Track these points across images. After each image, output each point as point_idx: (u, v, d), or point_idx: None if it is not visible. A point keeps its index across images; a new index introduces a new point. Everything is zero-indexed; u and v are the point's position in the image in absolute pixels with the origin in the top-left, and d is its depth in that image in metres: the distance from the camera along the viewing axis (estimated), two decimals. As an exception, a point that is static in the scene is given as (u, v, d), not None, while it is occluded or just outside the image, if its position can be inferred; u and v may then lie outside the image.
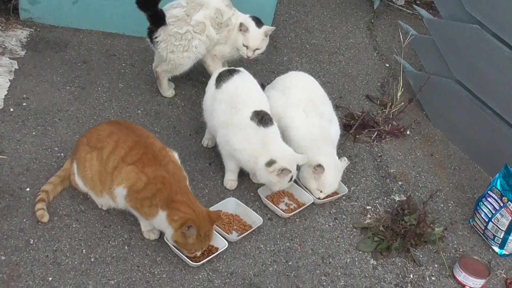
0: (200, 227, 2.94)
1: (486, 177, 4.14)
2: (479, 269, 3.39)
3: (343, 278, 3.25)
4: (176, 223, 2.92)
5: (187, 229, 2.89)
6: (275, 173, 3.33)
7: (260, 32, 3.97)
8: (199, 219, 2.94)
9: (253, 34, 3.96)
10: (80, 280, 2.91)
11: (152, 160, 3.02)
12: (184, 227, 2.89)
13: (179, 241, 2.96)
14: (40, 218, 3.10)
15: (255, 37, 3.96)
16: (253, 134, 3.37)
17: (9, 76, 3.95)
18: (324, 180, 3.53)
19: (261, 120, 3.37)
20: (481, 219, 3.63)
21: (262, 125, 3.37)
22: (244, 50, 3.99)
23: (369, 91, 4.75)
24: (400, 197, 3.82)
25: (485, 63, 3.99)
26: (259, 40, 3.98)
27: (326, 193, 3.59)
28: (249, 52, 3.99)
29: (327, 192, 3.59)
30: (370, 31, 5.55)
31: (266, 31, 3.99)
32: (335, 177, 3.58)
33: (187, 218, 2.90)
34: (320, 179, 3.53)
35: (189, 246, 2.99)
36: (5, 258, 2.92)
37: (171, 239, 3.00)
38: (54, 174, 3.32)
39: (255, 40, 3.97)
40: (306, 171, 3.56)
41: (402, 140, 4.34)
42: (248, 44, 3.96)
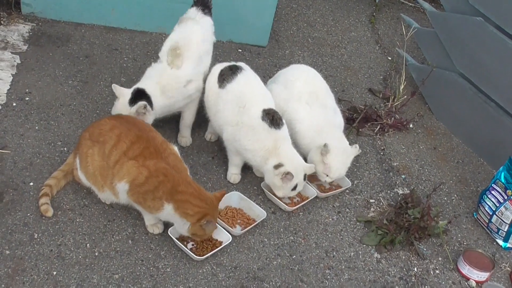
0: (214, 215, 3.01)
1: (489, 170, 4.14)
2: (483, 262, 3.38)
3: (347, 272, 3.25)
4: (193, 218, 2.94)
5: (205, 223, 2.93)
6: (279, 176, 3.33)
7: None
8: (212, 208, 3.00)
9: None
10: (84, 274, 2.91)
11: (154, 153, 3.02)
12: (203, 221, 2.92)
13: (198, 233, 3.00)
14: (44, 212, 3.10)
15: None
16: (265, 136, 3.37)
17: (11, 71, 3.94)
18: (330, 163, 3.51)
19: (272, 120, 3.36)
20: (485, 212, 3.63)
21: (274, 126, 3.36)
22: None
23: (371, 84, 4.74)
24: (404, 190, 3.82)
25: (488, 56, 3.98)
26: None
27: (333, 178, 3.57)
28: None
29: (333, 176, 3.56)
30: (372, 24, 5.54)
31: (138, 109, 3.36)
32: (343, 161, 3.56)
33: (204, 213, 2.94)
34: (326, 162, 3.52)
35: (205, 236, 3.06)
36: (10, 253, 2.92)
37: (187, 231, 3.01)
38: (58, 168, 3.31)
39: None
40: (315, 153, 3.55)
41: (405, 133, 4.34)
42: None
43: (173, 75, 3.51)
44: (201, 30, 3.69)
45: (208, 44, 3.78)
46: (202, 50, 3.67)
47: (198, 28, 3.67)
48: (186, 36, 3.61)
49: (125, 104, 3.37)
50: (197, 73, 3.63)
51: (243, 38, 4.79)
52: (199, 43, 3.64)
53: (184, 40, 3.57)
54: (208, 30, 3.79)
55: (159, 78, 3.49)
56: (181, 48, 3.52)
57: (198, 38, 3.64)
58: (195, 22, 3.70)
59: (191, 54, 3.57)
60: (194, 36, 3.62)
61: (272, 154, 3.36)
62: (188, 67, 3.55)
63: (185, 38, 3.59)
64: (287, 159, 3.35)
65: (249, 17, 4.68)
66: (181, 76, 3.53)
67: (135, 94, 3.39)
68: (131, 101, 3.36)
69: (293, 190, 3.42)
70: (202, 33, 3.69)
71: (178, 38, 3.59)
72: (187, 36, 3.61)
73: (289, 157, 3.38)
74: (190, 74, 3.57)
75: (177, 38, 3.58)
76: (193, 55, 3.58)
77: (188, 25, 3.67)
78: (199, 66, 3.65)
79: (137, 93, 3.39)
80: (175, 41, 3.56)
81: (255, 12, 4.66)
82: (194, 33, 3.64)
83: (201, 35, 3.68)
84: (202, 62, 3.68)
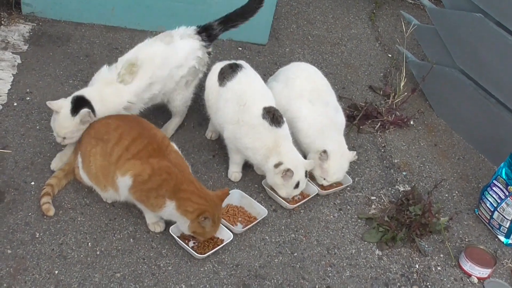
0: (214, 213, 2.99)
1: (490, 166, 4.14)
2: (485, 258, 3.38)
3: (348, 269, 3.25)
4: (192, 215, 2.95)
5: (203, 220, 2.93)
6: (280, 174, 3.33)
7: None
8: (212, 207, 2.99)
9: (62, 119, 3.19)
10: (86, 273, 2.92)
11: (156, 151, 3.02)
12: (200, 217, 2.92)
13: (197, 231, 3.00)
14: (46, 212, 3.11)
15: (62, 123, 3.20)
16: (266, 134, 3.37)
17: (12, 71, 3.95)
18: (328, 167, 3.53)
19: (273, 118, 3.36)
20: (486, 209, 3.63)
21: (274, 124, 3.36)
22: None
23: (372, 81, 4.74)
24: (405, 187, 3.82)
25: (488, 52, 3.98)
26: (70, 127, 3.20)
27: (330, 181, 3.59)
28: (58, 138, 3.25)
29: (330, 180, 3.58)
30: (372, 21, 5.54)
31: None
32: (340, 165, 3.57)
33: (202, 210, 2.94)
34: (324, 166, 3.53)
35: (206, 234, 3.05)
36: (12, 252, 2.93)
37: (188, 230, 3.01)
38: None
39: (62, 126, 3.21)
40: (313, 157, 3.55)
41: (406, 130, 4.34)
42: (54, 128, 3.24)
43: (118, 90, 3.29)
44: (167, 53, 3.44)
45: (176, 68, 3.50)
46: (158, 77, 3.40)
47: (164, 50, 3.43)
48: (148, 55, 3.38)
49: (67, 115, 3.15)
50: (141, 98, 3.39)
51: (243, 36, 4.78)
52: (155, 69, 3.38)
53: (143, 57, 3.35)
54: (185, 55, 3.52)
55: (103, 86, 3.28)
56: (138, 66, 3.32)
57: (158, 62, 3.39)
58: (167, 40, 3.47)
59: (140, 77, 3.33)
60: (156, 60, 3.38)
61: (273, 152, 3.36)
62: (135, 87, 3.32)
63: (144, 55, 3.36)
64: (286, 157, 3.35)
65: (249, 15, 4.68)
66: (124, 96, 3.31)
67: (75, 102, 3.17)
68: (73, 111, 3.15)
69: (296, 188, 3.41)
70: (167, 55, 3.44)
71: (139, 53, 3.38)
72: (146, 55, 3.38)
73: (289, 155, 3.37)
74: (134, 96, 3.34)
75: (138, 53, 3.37)
76: (141, 80, 3.34)
77: (154, 43, 3.45)
78: (146, 92, 3.39)
79: (77, 102, 3.17)
80: (136, 55, 3.36)
81: (255, 10, 4.65)
82: (159, 56, 3.40)
83: (164, 58, 3.42)
84: (151, 89, 3.41)
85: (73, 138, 3.21)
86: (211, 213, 2.96)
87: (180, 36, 3.53)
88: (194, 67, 3.58)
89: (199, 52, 3.58)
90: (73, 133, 3.19)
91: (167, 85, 3.51)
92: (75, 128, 3.18)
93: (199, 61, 3.60)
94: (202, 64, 3.64)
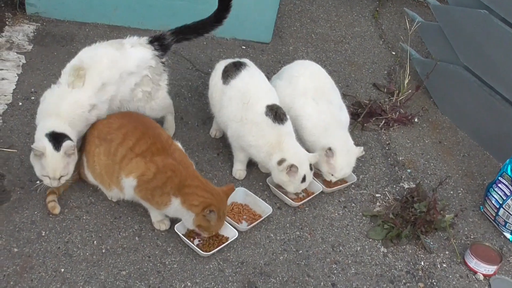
0: (220, 208, 2.99)
1: (495, 163, 4.13)
2: (490, 255, 3.38)
3: (353, 266, 3.25)
4: (197, 208, 2.95)
5: (208, 213, 2.93)
6: (284, 171, 3.34)
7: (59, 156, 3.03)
8: (217, 200, 2.99)
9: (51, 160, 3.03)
10: (92, 271, 2.92)
11: (160, 150, 3.03)
12: (205, 210, 2.92)
13: (202, 224, 2.99)
14: (51, 210, 3.11)
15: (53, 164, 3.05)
16: (269, 131, 3.37)
17: (17, 71, 3.96)
18: (335, 163, 3.53)
19: (275, 115, 3.36)
20: (491, 206, 3.62)
21: (277, 121, 3.36)
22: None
23: (375, 79, 4.74)
24: (409, 184, 3.82)
25: (493, 48, 3.97)
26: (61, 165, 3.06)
27: (338, 177, 3.59)
28: (53, 182, 3.08)
29: (338, 176, 3.58)
30: (376, 19, 5.54)
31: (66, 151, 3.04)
32: (347, 161, 3.57)
33: (208, 203, 2.94)
34: (331, 162, 3.53)
35: (211, 228, 3.03)
36: (18, 250, 2.93)
37: (192, 224, 3.01)
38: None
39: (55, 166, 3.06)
40: (319, 154, 3.55)
41: (410, 127, 4.34)
42: (48, 174, 3.06)
43: (74, 98, 3.14)
44: (117, 57, 3.30)
45: (128, 75, 3.34)
46: (110, 78, 3.25)
47: (113, 53, 3.30)
48: (93, 57, 3.25)
49: (53, 153, 2.99)
50: (100, 100, 3.22)
51: (246, 35, 4.79)
52: (104, 69, 3.23)
53: (90, 60, 3.22)
54: (135, 63, 3.36)
55: (58, 108, 3.10)
56: (85, 68, 3.18)
57: (107, 63, 3.24)
58: (116, 46, 3.35)
59: (92, 79, 3.18)
60: (104, 61, 3.24)
61: (276, 149, 3.36)
62: (89, 90, 3.17)
63: (91, 58, 3.24)
64: (289, 153, 3.35)
65: (252, 14, 4.69)
66: (83, 99, 3.15)
67: (53, 139, 3.00)
68: (56, 147, 3.00)
69: (303, 183, 3.42)
70: (116, 59, 3.29)
71: (85, 56, 3.25)
72: (94, 57, 3.25)
73: (291, 150, 3.38)
74: (93, 98, 3.18)
75: (84, 57, 3.25)
76: (93, 81, 3.18)
77: (102, 47, 3.33)
78: (102, 93, 3.23)
79: (54, 137, 3.01)
80: (81, 59, 3.23)
81: (258, 8, 4.66)
82: (105, 57, 3.26)
83: (113, 61, 3.27)
84: (106, 91, 3.25)
85: (68, 174, 3.08)
86: (216, 207, 2.95)
87: (131, 45, 3.39)
88: (148, 76, 3.41)
89: (152, 62, 3.42)
90: (66, 169, 3.06)
91: (122, 90, 3.34)
92: (65, 163, 3.04)
93: (153, 71, 3.44)
94: (157, 73, 3.48)
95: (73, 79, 3.14)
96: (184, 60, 4.45)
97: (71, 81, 3.14)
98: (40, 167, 3.03)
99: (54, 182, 3.05)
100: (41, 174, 3.04)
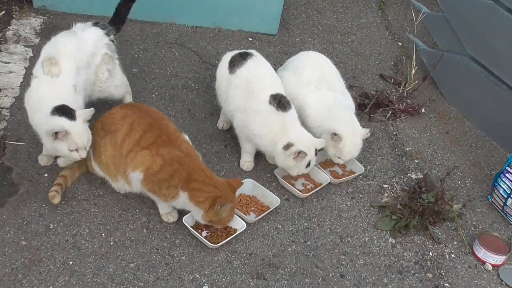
0: (228, 198, 2.99)
1: (503, 153, 4.12)
2: (499, 245, 3.37)
3: (362, 257, 3.25)
4: (203, 204, 2.96)
5: (219, 208, 2.94)
6: (291, 156, 3.33)
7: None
8: (223, 192, 2.98)
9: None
10: (100, 263, 2.93)
11: (167, 142, 3.03)
12: (217, 206, 2.92)
13: (213, 219, 3.00)
14: (51, 199, 3.12)
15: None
16: (273, 119, 3.37)
17: (24, 64, 3.97)
18: (342, 147, 3.53)
19: (279, 104, 3.36)
20: (499, 196, 3.61)
21: (281, 109, 3.36)
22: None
23: (382, 70, 4.73)
24: (417, 175, 3.81)
25: (499, 39, 3.96)
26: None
27: (345, 159, 3.59)
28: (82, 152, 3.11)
29: (345, 158, 3.58)
30: (382, 10, 5.52)
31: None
32: (354, 143, 3.56)
33: (214, 197, 2.94)
34: (338, 145, 3.53)
35: (223, 221, 3.04)
36: (26, 243, 2.94)
37: (203, 219, 3.02)
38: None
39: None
40: (326, 137, 3.55)
41: (417, 118, 4.33)
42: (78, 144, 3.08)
43: (56, 84, 3.15)
44: (76, 41, 3.35)
45: (91, 57, 3.43)
46: (80, 61, 3.30)
47: (72, 39, 3.35)
48: (58, 46, 3.28)
49: (73, 124, 3.01)
50: (80, 80, 3.29)
51: (253, 27, 4.79)
52: (73, 53, 3.28)
53: (56, 49, 3.25)
54: (93, 42, 3.45)
55: (47, 96, 3.09)
56: (55, 57, 3.19)
57: (72, 48, 3.29)
58: (71, 34, 3.40)
59: (66, 62, 3.21)
60: (69, 46, 3.29)
61: (280, 136, 3.36)
62: (68, 72, 3.20)
63: (57, 48, 3.26)
64: (296, 137, 3.35)
65: (258, 5, 4.68)
66: (65, 82, 3.18)
67: (62, 113, 3.01)
68: (70, 118, 3.02)
69: (307, 167, 3.42)
70: (77, 43, 3.34)
71: (50, 49, 3.27)
72: (59, 46, 3.28)
73: (298, 135, 3.38)
74: (74, 78, 3.22)
75: (49, 50, 3.26)
76: (68, 64, 3.22)
77: (60, 37, 3.37)
78: (79, 76, 3.29)
79: (62, 111, 3.02)
80: (48, 52, 3.24)
81: (265, 0, 4.65)
82: (68, 43, 3.31)
83: (76, 45, 3.33)
84: (80, 74, 3.30)
85: (89, 140, 3.11)
86: (223, 199, 2.95)
87: (81, 29, 3.46)
88: (107, 53, 3.51)
89: (105, 39, 3.53)
90: (89, 134, 3.10)
91: (89, 75, 3.42)
92: (86, 128, 3.08)
93: (109, 47, 3.54)
94: (112, 50, 3.58)
95: (49, 67, 3.14)
96: (191, 53, 4.45)
97: (47, 70, 3.14)
98: (65, 146, 3.02)
99: (83, 152, 3.06)
100: (68, 151, 3.03)
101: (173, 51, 4.42)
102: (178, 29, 4.67)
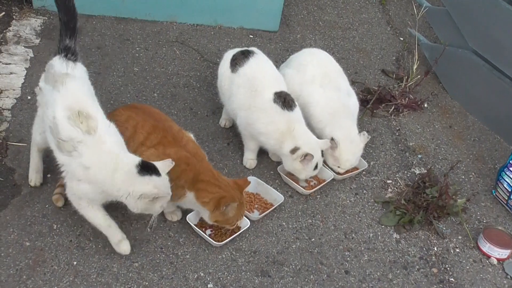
0: (233, 197, 2.97)
1: (506, 147, 4.11)
2: (504, 239, 3.36)
3: (366, 253, 3.24)
4: (209, 205, 2.95)
5: (225, 208, 2.92)
6: (298, 159, 3.33)
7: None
8: (229, 193, 2.97)
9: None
10: (104, 263, 2.92)
11: (172, 142, 3.01)
12: (222, 206, 2.91)
13: (219, 220, 2.99)
14: (55, 202, 3.12)
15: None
16: (278, 118, 3.36)
17: (25, 65, 3.96)
18: (339, 155, 3.52)
19: (284, 102, 3.35)
20: (504, 190, 3.60)
21: (286, 108, 3.35)
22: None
23: (384, 65, 4.71)
24: (421, 170, 3.80)
25: (501, 32, 3.94)
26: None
27: (344, 168, 3.58)
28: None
29: (344, 167, 3.57)
30: (383, 5, 5.51)
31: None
32: (352, 152, 3.56)
33: (219, 198, 2.93)
34: (335, 154, 3.52)
35: (230, 220, 3.02)
36: (30, 244, 2.94)
37: (209, 220, 3.01)
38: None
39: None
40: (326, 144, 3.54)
41: (420, 113, 4.32)
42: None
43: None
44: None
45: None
46: None
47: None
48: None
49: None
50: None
51: (254, 24, 4.78)
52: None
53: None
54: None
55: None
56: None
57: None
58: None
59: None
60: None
61: (286, 136, 3.35)
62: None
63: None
64: (302, 140, 3.35)
65: (259, 2, 4.67)
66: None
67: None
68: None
69: (314, 170, 3.42)
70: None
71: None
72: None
73: (304, 138, 3.37)
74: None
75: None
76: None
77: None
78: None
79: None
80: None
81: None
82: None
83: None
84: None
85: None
86: (228, 199, 2.94)
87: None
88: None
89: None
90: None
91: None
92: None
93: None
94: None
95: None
96: (192, 51, 4.44)
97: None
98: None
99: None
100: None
101: (174, 50, 4.42)
102: (178, 27, 4.67)
